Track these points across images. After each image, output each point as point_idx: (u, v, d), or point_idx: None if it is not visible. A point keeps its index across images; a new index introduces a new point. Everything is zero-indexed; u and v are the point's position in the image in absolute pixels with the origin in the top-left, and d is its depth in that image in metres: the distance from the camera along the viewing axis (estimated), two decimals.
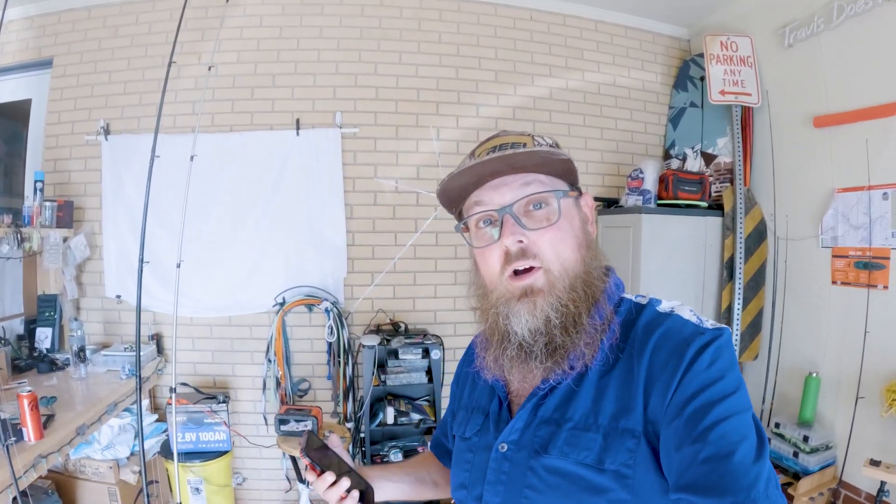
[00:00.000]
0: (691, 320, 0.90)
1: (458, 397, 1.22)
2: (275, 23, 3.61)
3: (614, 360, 0.92)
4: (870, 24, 2.91)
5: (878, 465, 2.53)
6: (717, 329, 0.86)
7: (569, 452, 0.88)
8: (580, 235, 0.97)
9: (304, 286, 3.59)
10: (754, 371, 3.56)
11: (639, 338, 0.91)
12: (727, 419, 0.78)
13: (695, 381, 0.81)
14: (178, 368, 3.61)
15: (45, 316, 3.41)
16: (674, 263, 3.45)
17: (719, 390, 0.80)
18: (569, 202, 0.97)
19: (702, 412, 0.78)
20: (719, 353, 0.83)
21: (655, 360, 0.87)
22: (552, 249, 0.92)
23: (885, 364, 2.80)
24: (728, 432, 0.77)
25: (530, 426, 0.94)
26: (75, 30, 3.61)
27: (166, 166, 3.13)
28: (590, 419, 0.89)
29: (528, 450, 0.93)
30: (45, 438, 2.34)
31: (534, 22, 3.86)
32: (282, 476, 3.68)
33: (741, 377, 0.84)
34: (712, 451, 0.75)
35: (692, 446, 0.77)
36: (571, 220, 0.96)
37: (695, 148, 3.80)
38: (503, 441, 0.96)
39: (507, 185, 0.95)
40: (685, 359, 0.83)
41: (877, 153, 2.86)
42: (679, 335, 0.87)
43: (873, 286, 2.89)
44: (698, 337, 0.85)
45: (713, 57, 3.53)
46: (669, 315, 0.93)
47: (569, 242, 0.94)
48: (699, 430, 0.77)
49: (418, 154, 3.72)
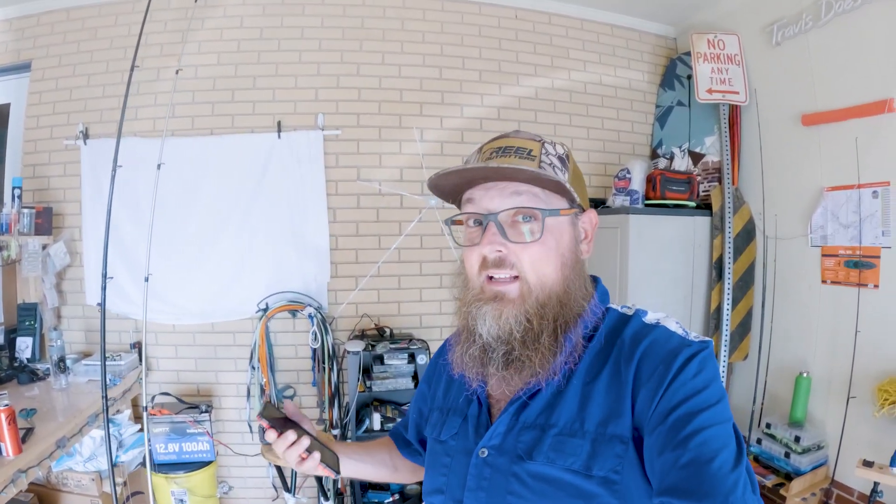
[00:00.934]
0: (677, 332, 0.91)
1: (431, 397, 1.21)
2: (255, 24, 3.56)
3: (600, 368, 0.93)
4: (858, 22, 2.88)
5: (872, 466, 2.50)
6: (703, 342, 0.89)
7: (555, 458, 0.87)
8: (566, 254, 0.96)
9: (288, 291, 3.54)
10: (744, 371, 3.54)
11: (626, 347, 0.92)
12: (709, 428, 0.79)
13: (681, 391, 0.83)
14: (162, 377, 3.58)
15: (25, 325, 3.35)
16: (662, 264, 3.42)
17: (703, 400, 0.82)
18: (560, 220, 0.96)
19: (685, 420, 0.80)
20: (704, 365, 0.85)
21: (643, 367, 0.88)
22: (531, 264, 0.92)
23: (877, 363, 2.79)
24: (709, 440, 0.78)
25: (512, 431, 0.94)
26: (54, 32, 3.55)
27: (144, 171, 3.09)
28: (575, 425, 0.89)
29: (510, 455, 0.92)
30: (25, 452, 2.28)
31: (519, 21, 3.82)
32: (268, 484, 3.63)
33: (724, 389, 0.87)
34: (692, 457, 0.77)
35: (674, 452, 0.78)
36: (559, 238, 0.95)
37: (682, 147, 3.76)
38: (484, 446, 0.96)
39: (499, 191, 0.94)
40: (672, 368, 0.84)
41: (866, 151, 2.84)
42: (666, 345, 0.89)
43: (863, 285, 2.87)
44: (685, 348, 0.87)
45: (700, 55, 3.49)
46: (656, 326, 0.94)
47: (550, 260, 0.93)
48: (681, 436, 0.79)
49: (402, 156, 3.67)
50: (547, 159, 0.96)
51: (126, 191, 3.32)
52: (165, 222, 3.42)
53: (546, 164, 0.95)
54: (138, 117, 3.43)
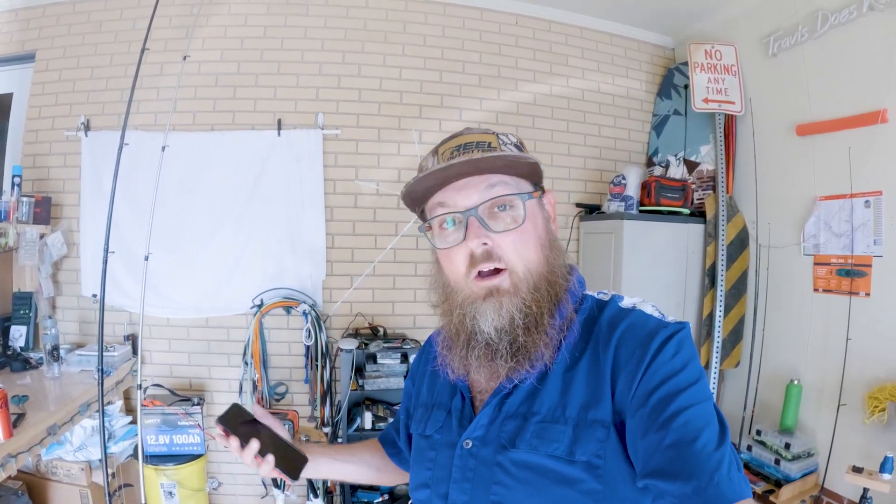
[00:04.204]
0: (654, 314, 0.93)
1: (416, 395, 1.21)
2: (259, 22, 3.60)
3: (579, 354, 0.94)
4: (853, 34, 2.93)
5: (861, 472, 2.51)
6: (679, 323, 0.90)
7: (538, 445, 0.88)
8: (543, 236, 0.98)
9: (283, 288, 3.55)
10: (736, 378, 3.55)
11: (603, 331, 0.93)
12: (690, 407, 0.80)
13: (659, 372, 0.83)
14: (155, 370, 3.57)
15: (19, 314, 3.34)
16: (656, 270, 3.44)
17: (682, 380, 0.83)
18: (533, 203, 0.98)
19: (666, 401, 0.81)
20: (681, 345, 0.86)
21: (621, 351, 0.88)
22: (515, 252, 0.93)
23: (867, 371, 2.80)
24: (691, 419, 0.79)
25: (496, 421, 0.95)
26: (59, 24, 3.58)
27: (145, 164, 3.10)
28: (557, 411, 0.90)
29: (494, 445, 0.92)
30: (15, 437, 2.28)
31: (519, 27, 3.86)
32: (258, 481, 3.62)
33: (702, 368, 0.87)
34: (676, 438, 0.77)
35: (657, 433, 0.79)
36: (535, 221, 0.97)
37: (678, 155, 3.80)
38: (468, 437, 0.96)
39: (473, 187, 0.95)
40: (650, 350, 0.85)
41: (859, 161, 2.87)
42: (643, 328, 0.89)
43: (855, 293, 2.89)
44: (662, 329, 0.88)
45: (697, 65, 3.54)
46: (632, 310, 0.95)
47: (532, 244, 0.95)
48: (663, 418, 0.80)
49: (400, 157, 3.70)
50: (507, 148, 0.97)
51: (126, 184, 3.33)
52: (163, 216, 3.44)
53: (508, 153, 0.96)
54: (140, 111, 3.45)
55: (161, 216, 3.38)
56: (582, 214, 3.84)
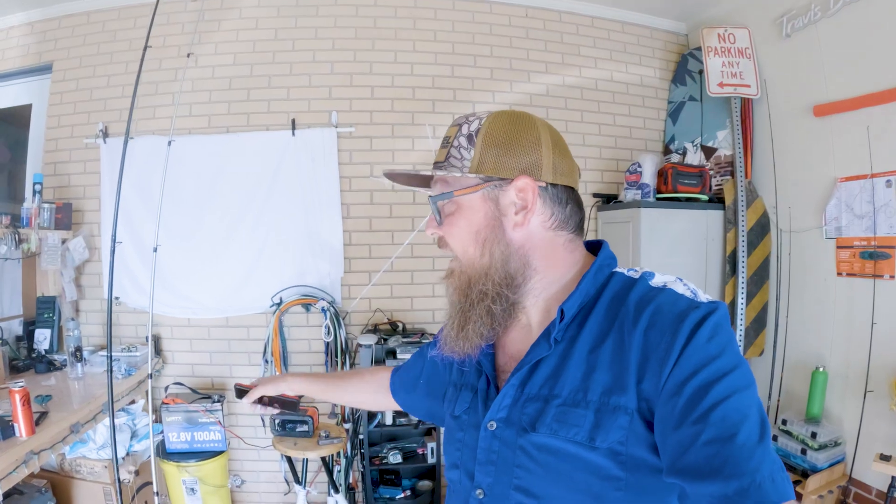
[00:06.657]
0: (685, 294, 0.86)
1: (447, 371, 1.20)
2: (270, 25, 3.63)
3: (604, 335, 0.89)
4: (867, 11, 2.88)
5: (889, 460, 2.45)
6: (713, 303, 0.83)
7: (558, 429, 0.85)
8: (483, 231, 0.94)
9: (302, 286, 3.58)
10: (760, 367, 3.49)
11: (631, 313, 0.87)
12: (728, 399, 0.74)
13: (693, 358, 0.78)
14: (177, 370, 3.63)
15: (43, 317, 3.42)
16: (675, 258, 3.40)
17: (719, 368, 0.77)
18: (471, 198, 0.94)
19: (702, 391, 0.75)
20: (717, 329, 0.80)
21: (650, 335, 0.83)
22: (454, 244, 0.98)
23: (893, 356, 2.74)
24: (729, 413, 0.73)
25: (518, 402, 0.92)
26: (74, 34, 3.65)
27: (161, 167, 3.15)
28: (579, 395, 0.86)
29: (516, 427, 0.91)
30: (38, 434, 2.32)
31: (529, 19, 3.85)
32: (280, 478, 3.65)
33: (739, 352, 0.81)
34: (714, 434, 0.73)
35: (692, 427, 0.74)
36: (470, 217, 0.95)
37: (694, 142, 3.75)
38: (491, 419, 0.94)
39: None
40: (681, 334, 0.79)
41: (878, 140, 2.82)
42: (673, 310, 0.83)
43: (879, 276, 2.83)
44: (693, 311, 0.81)
45: (711, 49, 3.49)
46: (662, 290, 0.88)
47: (464, 238, 0.96)
48: (699, 410, 0.74)
49: (414, 152, 3.71)
50: (455, 142, 0.95)
51: (144, 186, 3.40)
52: (183, 219, 3.49)
53: (454, 148, 0.95)
54: (155, 116, 3.52)
55: (181, 219, 3.46)
56: (599, 204, 3.80)
